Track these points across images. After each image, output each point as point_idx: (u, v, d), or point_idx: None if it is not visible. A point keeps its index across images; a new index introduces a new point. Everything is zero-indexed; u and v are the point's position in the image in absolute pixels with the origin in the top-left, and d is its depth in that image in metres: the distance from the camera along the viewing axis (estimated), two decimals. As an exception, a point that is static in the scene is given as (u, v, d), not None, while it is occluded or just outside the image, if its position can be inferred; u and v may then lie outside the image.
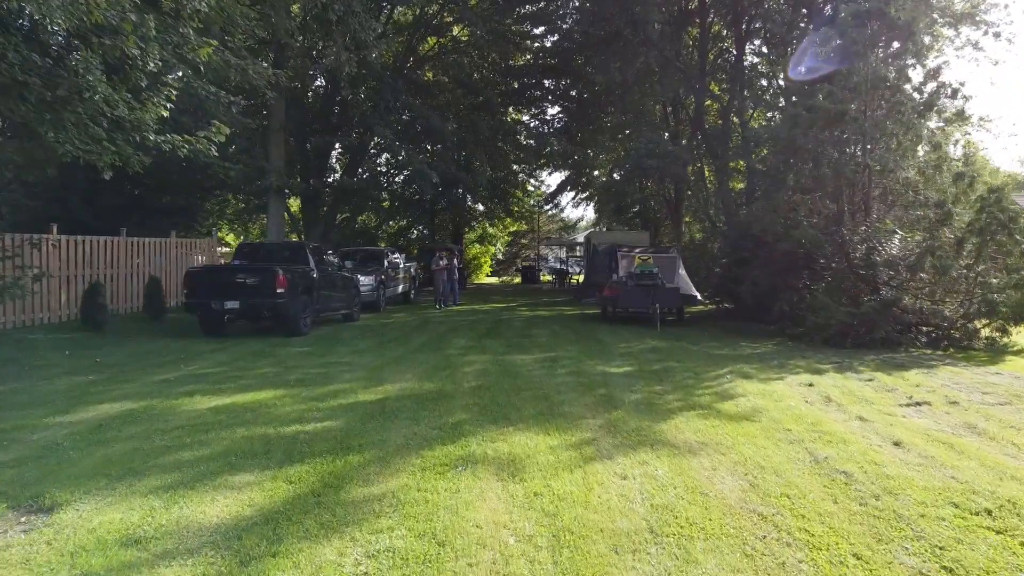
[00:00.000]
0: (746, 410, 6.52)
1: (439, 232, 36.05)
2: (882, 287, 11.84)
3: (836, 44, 12.04)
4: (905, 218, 12.27)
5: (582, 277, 31.91)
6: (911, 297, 11.01)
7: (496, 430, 5.75)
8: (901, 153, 11.70)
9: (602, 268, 22.00)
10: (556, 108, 27.50)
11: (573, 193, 35.38)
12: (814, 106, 11.20)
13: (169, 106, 7.40)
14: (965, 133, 15.11)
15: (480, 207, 36.98)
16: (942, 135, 12.18)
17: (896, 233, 11.58)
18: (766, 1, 19.41)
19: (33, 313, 13.02)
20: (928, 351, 10.67)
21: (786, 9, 18.45)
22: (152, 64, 6.78)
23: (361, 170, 23.36)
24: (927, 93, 11.56)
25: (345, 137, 19.04)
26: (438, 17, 22.57)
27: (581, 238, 38.24)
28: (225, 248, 24.80)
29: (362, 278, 17.64)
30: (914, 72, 11.70)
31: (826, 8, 16.19)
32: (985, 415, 6.35)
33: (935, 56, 11.89)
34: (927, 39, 11.84)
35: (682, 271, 18.13)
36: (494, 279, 45.30)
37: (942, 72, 11.88)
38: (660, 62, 20.26)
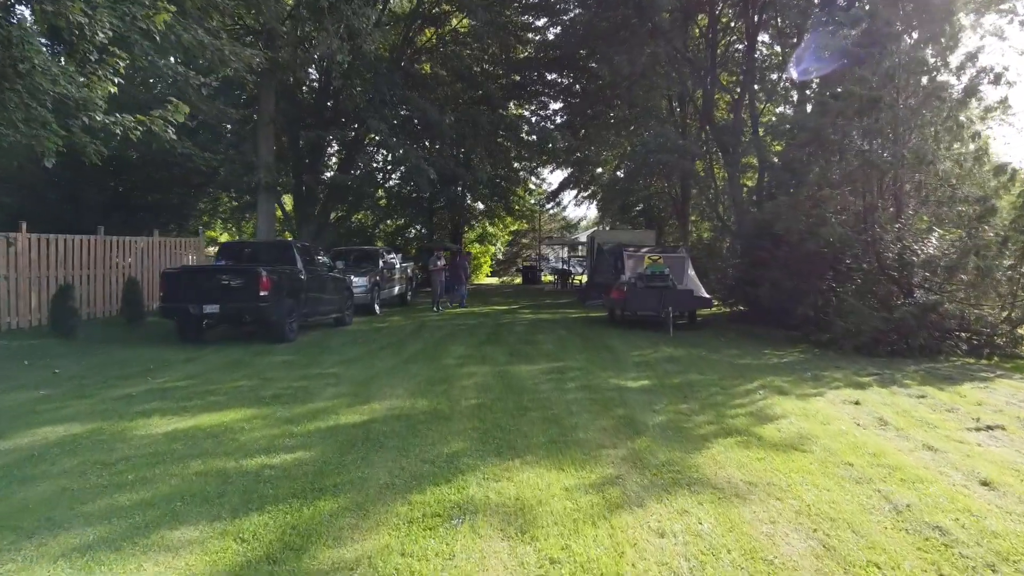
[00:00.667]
0: (791, 436, 5.58)
1: (438, 231, 35.11)
2: (916, 289, 10.92)
3: (863, 28, 11.10)
4: (939, 215, 11.33)
5: (585, 278, 31.01)
6: (951, 301, 10.07)
7: (500, 464, 4.82)
8: (936, 143, 10.77)
9: (607, 268, 21.09)
10: (559, 104, 26.60)
11: (575, 191, 34.53)
12: (844, 93, 10.26)
13: (119, 82, 6.44)
14: (987, 127, 14.20)
15: (480, 206, 36.08)
16: (981, 124, 11.25)
17: (933, 231, 10.65)
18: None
19: (-1, 318, 12.09)
20: (971, 360, 9.74)
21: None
22: (102, 34, 5.85)
23: (358, 167, 22.41)
24: (966, 79, 10.64)
25: (338, 131, 18.09)
26: (437, 6, 21.63)
27: (583, 237, 37.30)
28: (215, 248, 23.88)
29: (355, 279, 16.71)
30: (951, 57, 10.76)
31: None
32: (1072, 442, 5.43)
33: (968, 41, 11.00)
34: (963, 20, 10.89)
35: (691, 272, 17.21)
36: (494, 279, 44.35)
37: (979, 56, 10.94)
38: (668, 53, 19.32)
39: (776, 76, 20.71)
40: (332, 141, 22.23)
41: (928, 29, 10.52)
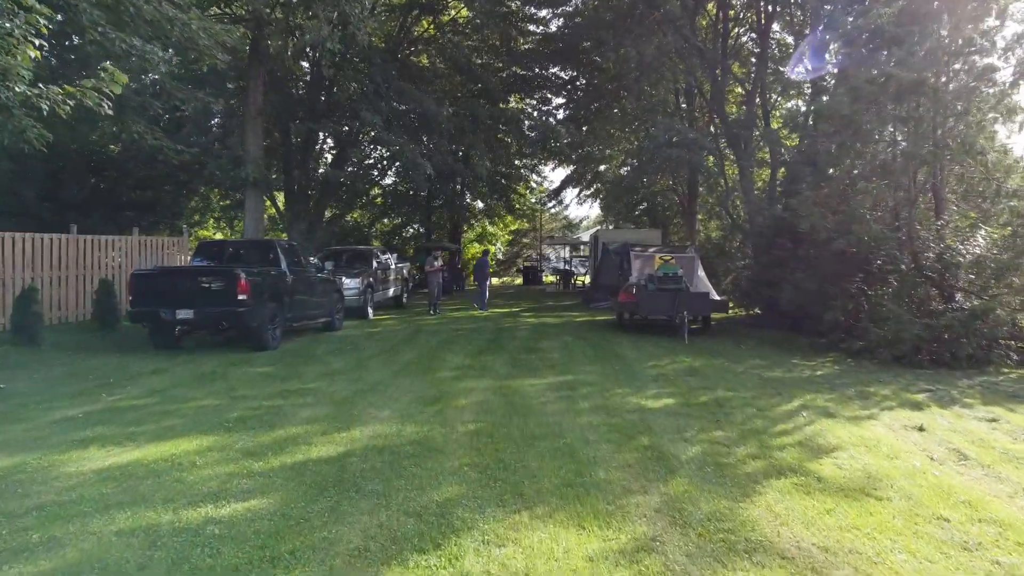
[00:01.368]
0: (857, 476, 4.59)
1: (436, 231, 34.13)
2: (957, 293, 9.94)
3: (900, 5, 10.11)
4: (982, 210, 10.34)
5: (588, 278, 30.02)
6: (1001, 307, 9.07)
7: (503, 518, 3.83)
8: (979, 132, 9.78)
9: (612, 269, 20.13)
10: (561, 99, 25.60)
11: (578, 190, 33.54)
12: (880, 76, 9.28)
13: (40, 44, 5.41)
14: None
15: (479, 204, 35.09)
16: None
17: (979, 228, 9.67)
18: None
19: (-44, 324, 11.11)
20: (1025, 372, 8.76)
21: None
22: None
23: (352, 163, 21.40)
24: (1014, 60, 9.65)
25: (329, 125, 17.08)
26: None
27: (586, 237, 36.31)
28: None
29: (347, 281, 15.72)
30: (997, 37, 9.77)
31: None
32: None
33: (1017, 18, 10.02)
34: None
35: (701, 272, 16.24)
36: (494, 280, 43.38)
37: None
38: (677, 43, 18.34)
39: (790, 67, 19.70)
40: (325, 135, 21.27)
41: (971, 8, 9.53)
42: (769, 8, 18.40)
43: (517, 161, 28.70)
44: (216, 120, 19.92)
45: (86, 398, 7.14)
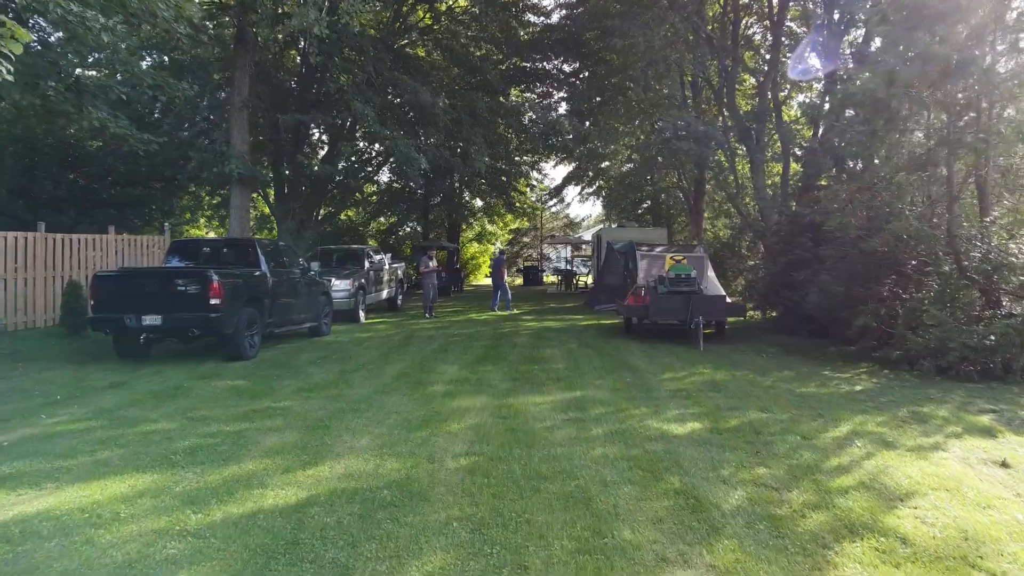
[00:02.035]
0: (950, 535, 3.64)
1: (434, 230, 33.17)
2: (1005, 297, 8.98)
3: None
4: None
5: (590, 279, 29.05)
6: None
7: (502, 607, 2.88)
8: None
9: (617, 270, 19.17)
10: (564, 92, 24.57)
11: (580, 187, 32.58)
12: (922, 56, 8.32)
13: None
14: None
15: (478, 203, 34.13)
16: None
17: (1033, 226, 8.73)
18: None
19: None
20: (1088, 386, 7.80)
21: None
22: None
23: (344, 157, 20.40)
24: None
25: (318, 116, 16.11)
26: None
27: (588, 236, 35.35)
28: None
29: (336, 282, 14.78)
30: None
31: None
32: None
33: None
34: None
35: (711, 273, 15.29)
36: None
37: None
38: (688, 28, 17.38)
39: (794, 65, 18.74)
40: (317, 129, 20.30)
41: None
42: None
43: (517, 157, 27.70)
44: (204, 114, 18.94)
45: (21, 420, 6.18)
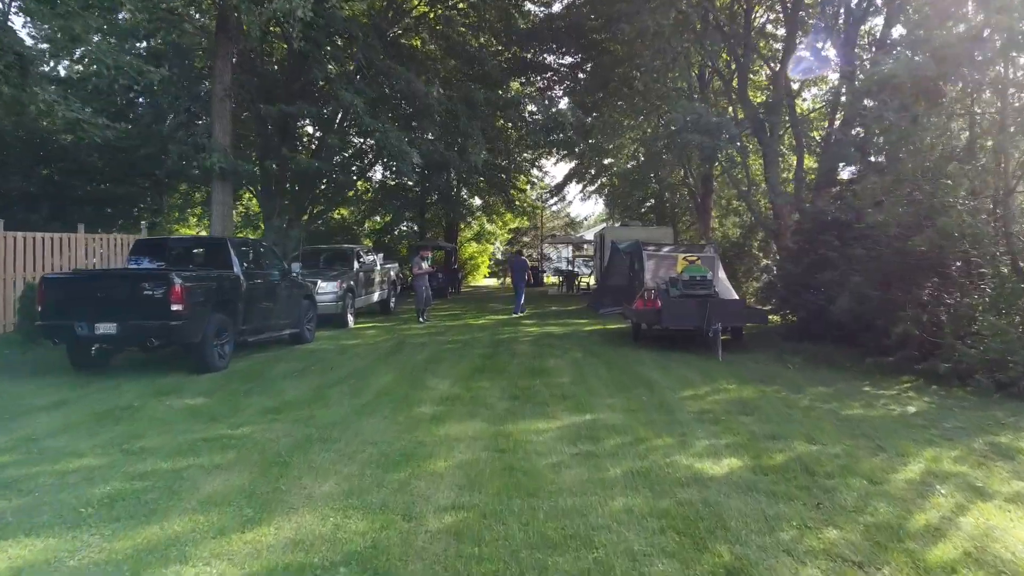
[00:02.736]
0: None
1: (431, 229, 32.13)
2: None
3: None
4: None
5: (593, 279, 28.03)
6: None
7: None
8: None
9: (621, 270, 18.16)
10: (567, 84, 23.49)
11: (581, 185, 31.54)
12: (975, 28, 7.31)
13: None
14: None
15: (477, 201, 33.09)
16: None
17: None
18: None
19: None
20: None
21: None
22: None
23: (334, 150, 19.34)
24: None
25: (304, 107, 15.06)
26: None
27: (590, 235, 34.32)
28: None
29: (322, 284, 13.76)
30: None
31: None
32: None
33: None
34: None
35: (722, 274, 14.31)
36: (492, 281, 41.39)
37: None
38: (698, 16, 16.36)
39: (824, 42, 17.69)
40: (305, 122, 19.26)
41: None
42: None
43: (517, 154, 26.65)
44: (185, 104, 17.89)
45: (-78, 454, 5.15)
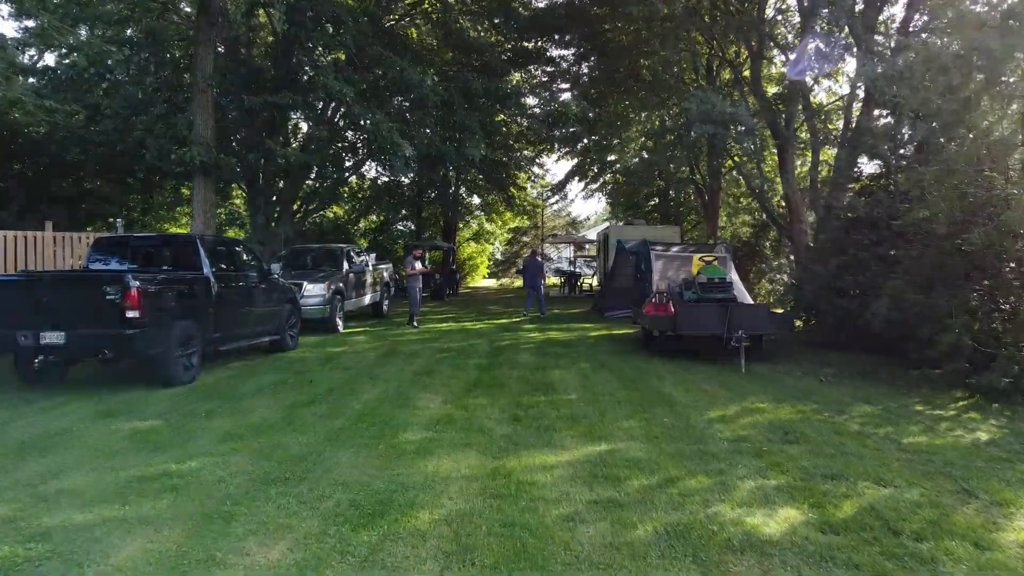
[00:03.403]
0: None
1: (428, 228, 31.16)
2: None
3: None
4: None
5: (596, 280, 27.06)
6: None
7: None
8: None
9: (627, 271, 17.19)
10: (568, 81, 22.46)
11: (583, 183, 30.56)
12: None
13: None
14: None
15: (475, 199, 32.11)
16: None
17: None
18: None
19: None
20: None
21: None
22: None
23: (330, 147, 18.34)
24: None
25: (289, 96, 14.05)
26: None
27: (593, 235, 33.34)
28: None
29: (309, 287, 12.78)
30: None
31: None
32: None
33: None
34: None
35: (735, 276, 13.33)
36: (491, 282, 40.43)
37: None
38: (711, 1, 15.43)
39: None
40: (295, 115, 18.26)
41: None
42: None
43: (517, 149, 25.62)
44: (166, 95, 16.91)
45: None
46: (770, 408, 6.68)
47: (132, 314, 7.26)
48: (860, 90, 18.09)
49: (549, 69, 22.78)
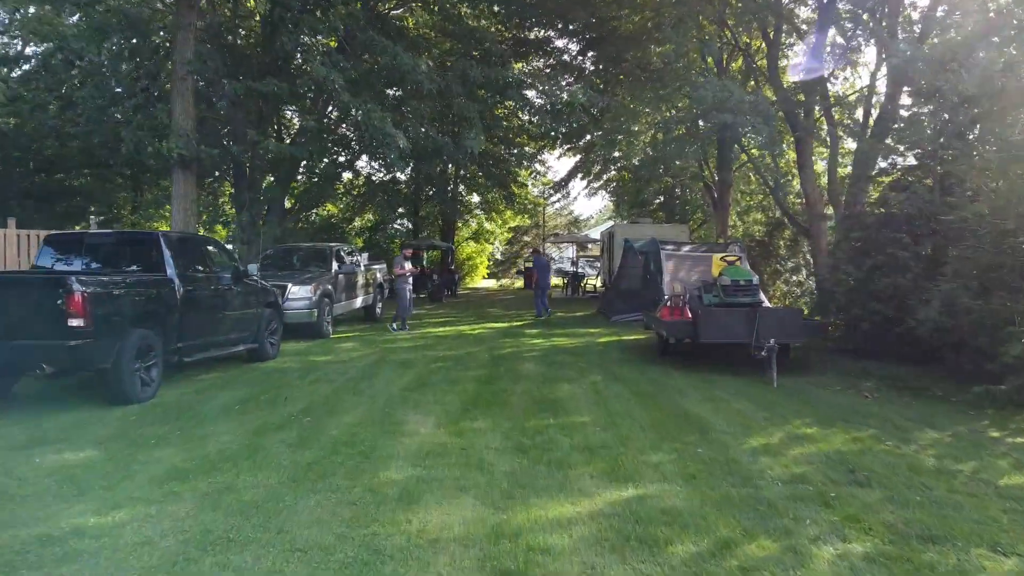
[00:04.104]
0: None
1: (426, 227, 30.17)
2: None
3: None
4: None
5: (599, 281, 26.07)
6: None
7: None
8: None
9: (636, 272, 16.21)
10: (573, 68, 21.47)
11: (586, 181, 29.58)
12: None
13: None
14: None
15: (475, 197, 31.12)
16: None
17: None
18: None
19: None
20: None
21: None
22: None
23: (320, 138, 17.32)
24: None
25: (274, 83, 13.05)
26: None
27: (596, 234, 32.36)
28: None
29: (294, 289, 11.80)
30: None
31: None
32: None
33: None
34: None
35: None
36: (491, 283, 39.44)
37: None
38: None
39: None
40: (282, 106, 17.26)
41: None
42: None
43: (518, 145, 24.62)
44: (144, 83, 15.90)
45: None
46: (819, 434, 5.68)
47: (76, 322, 6.27)
48: (880, 81, 17.08)
49: (552, 62, 21.84)
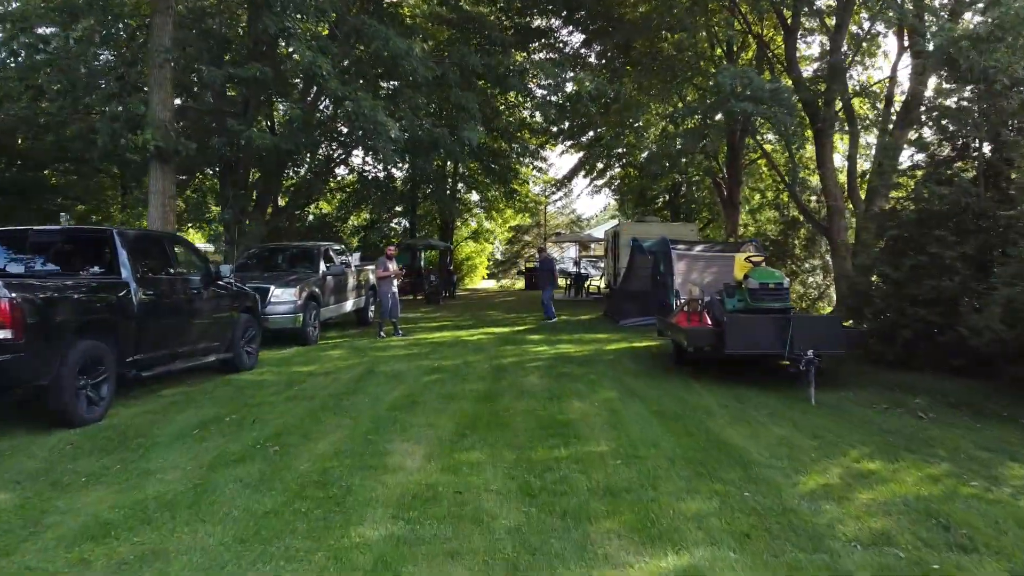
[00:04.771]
0: None
1: (424, 226, 29.25)
2: None
3: None
4: None
5: (603, 282, 25.14)
6: None
7: None
8: None
9: (644, 273, 15.29)
10: (578, 58, 20.57)
11: (589, 179, 28.68)
12: None
13: None
14: None
15: (474, 195, 30.21)
16: None
17: None
18: None
19: None
20: None
21: None
22: None
23: (310, 131, 16.37)
24: None
25: (257, 68, 12.10)
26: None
27: (599, 233, 31.42)
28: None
29: (276, 292, 10.90)
30: None
31: None
32: None
33: None
34: None
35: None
36: (491, 283, 38.52)
37: None
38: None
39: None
40: (267, 92, 16.30)
41: None
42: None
43: (520, 140, 23.70)
44: (119, 72, 14.96)
45: None
46: (886, 471, 4.74)
47: (5, 334, 5.34)
48: (903, 70, 16.20)
49: (554, 56, 20.94)
